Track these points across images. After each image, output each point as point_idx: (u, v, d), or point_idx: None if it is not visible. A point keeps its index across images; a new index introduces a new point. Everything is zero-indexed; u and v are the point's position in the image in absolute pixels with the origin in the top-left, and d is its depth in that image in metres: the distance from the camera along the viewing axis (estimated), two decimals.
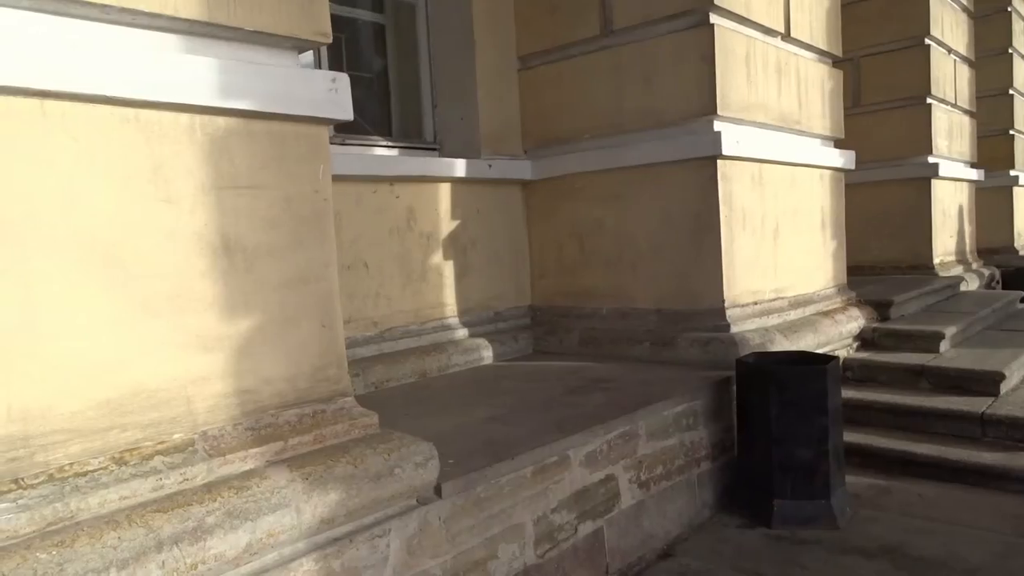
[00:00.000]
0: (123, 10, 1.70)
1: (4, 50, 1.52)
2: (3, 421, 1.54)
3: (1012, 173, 8.83)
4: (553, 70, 4.37)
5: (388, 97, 4.42)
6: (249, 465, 1.89)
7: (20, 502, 1.53)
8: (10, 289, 1.56)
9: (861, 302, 4.92)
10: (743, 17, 3.94)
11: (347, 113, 2.17)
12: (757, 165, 4.06)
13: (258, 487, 1.81)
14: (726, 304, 3.82)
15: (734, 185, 3.88)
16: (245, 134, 1.95)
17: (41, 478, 1.58)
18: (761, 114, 4.11)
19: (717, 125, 3.79)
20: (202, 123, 1.86)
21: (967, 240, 7.44)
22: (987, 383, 3.87)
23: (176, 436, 1.81)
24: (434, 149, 4.33)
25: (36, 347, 1.59)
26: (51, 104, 1.61)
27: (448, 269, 4.08)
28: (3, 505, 1.51)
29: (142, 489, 1.70)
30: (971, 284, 6.72)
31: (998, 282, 7.57)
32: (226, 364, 1.91)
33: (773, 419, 3.10)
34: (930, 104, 6.48)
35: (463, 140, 4.28)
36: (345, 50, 4.24)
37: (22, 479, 1.56)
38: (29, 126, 1.59)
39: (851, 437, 3.60)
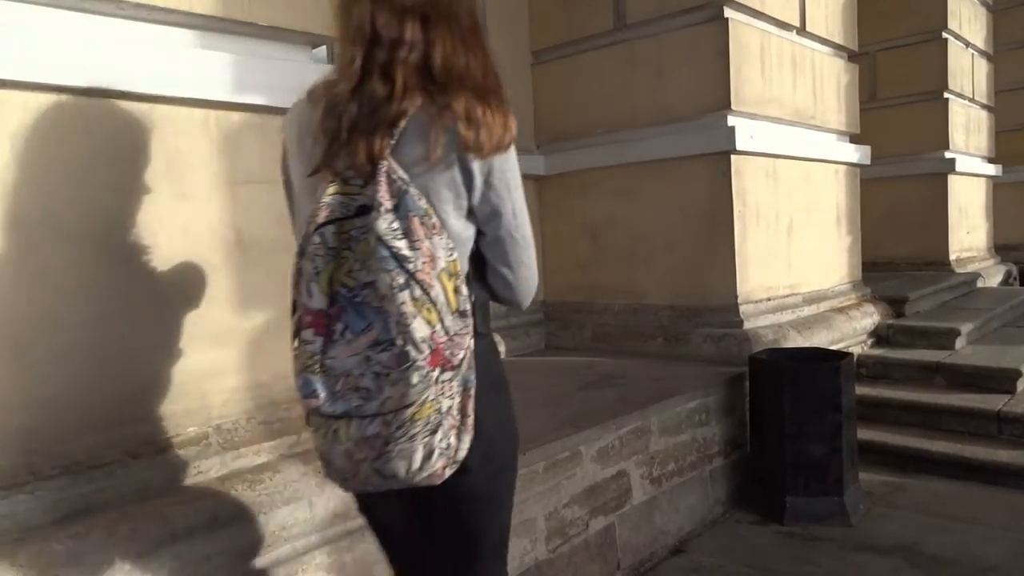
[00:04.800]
0: (139, 5, 1.71)
1: (20, 45, 1.53)
2: (20, 413, 1.56)
3: None
4: (566, 65, 4.35)
5: None
6: (262, 459, 1.91)
7: (37, 493, 1.55)
8: (26, 282, 1.57)
9: (876, 298, 4.89)
10: (758, 11, 3.91)
11: None
12: (771, 160, 4.04)
13: (271, 480, 1.82)
14: (739, 300, 3.81)
15: (748, 180, 3.86)
16: (259, 129, 1.95)
17: (57, 470, 1.60)
18: (776, 109, 4.08)
19: (731, 120, 3.77)
20: (216, 118, 1.87)
21: (984, 236, 7.37)
22: (1003, 380, 3.83)
23: (190, 429, 1.82)
24: None
25: (53, 340, 1.61)
26: (67, 99, 1.63)
27: None
28: (20, 496, 1.53)
29: (156, 482, 1.71)
30: (988, 281, 6.66)
31: (1015, 279, 7.50)
32: (240, 358, 1.92)
33: (786, 416, 3.08)
34: (947, 99, 6.42)
35: None
36: None
37: (39, 470, 1.58)
38: (45, 120, 1.60)
39: (865, 434, 3.57)
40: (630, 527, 2.80)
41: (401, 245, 1.11)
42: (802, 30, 4.33)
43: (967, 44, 6.88)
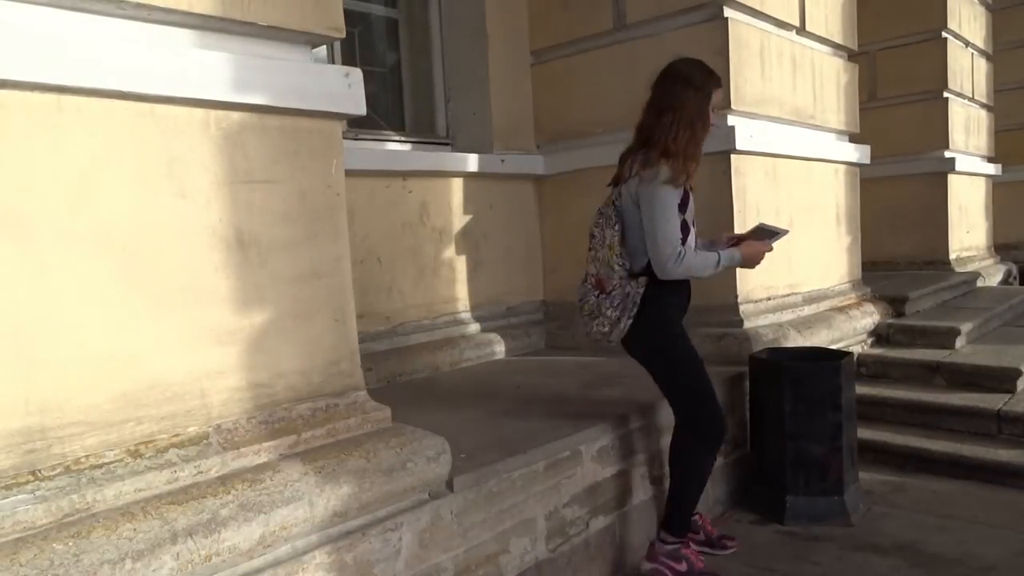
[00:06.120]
0: (139, 5, 1.71)
1: (21, 45, 1.53)
2: (21, 413, 1.56)
3: None
4: (566, 64, 4.35)
5: (401, 92, 4.43)
6: (263, 458, 1.90)
7: (37, 493, 1.55)
8: (27, 283, 1.57)
9: (876, 298, 4.89)
10: (757, 11, 3.91)
11: (360, 108, 2.17)
12: (771, 160, 4.04)
13: (271, 480, 1.82)
14: (739, 299, 3.81)
15: (748, 180, 3.86)
16: (259, 129, 1.95)
17: (58, 470, 1.60)
18: (775, 108, 4.08)
19: (731, 119, 3.77)
20: (216, 118, 1.87)
21: (984, 235, 7.37)
22: (1003, 380, 3.84)
23: (191, 429, 1.82)
24: (447, 144, 4.33)
25: (53, 340, 1.61)
26: (67, 99, 1.62)
27: (460, 264, 4.09)
28: (21, 496, 1.53)
29: (157, 481, 1.71)
30: (988, 280, 6.66)
31: (1015, 278, 7.50)
32: (240, 358, 1.92)
33: (786, 415, 3.08)
34: (947, 98, 6.42)
35: (476, 135, 4.28)
36: (358, 45, 4.24)
37: (39, 471, 1.58)
38: (46, 121, 1.60)
39: (865, 433, 3.58)
40: (631, 526, 2.80)
41: (596, 231, 2.58)
42: (802, 30, 4.33)
43: (967, 43, 6.88)
